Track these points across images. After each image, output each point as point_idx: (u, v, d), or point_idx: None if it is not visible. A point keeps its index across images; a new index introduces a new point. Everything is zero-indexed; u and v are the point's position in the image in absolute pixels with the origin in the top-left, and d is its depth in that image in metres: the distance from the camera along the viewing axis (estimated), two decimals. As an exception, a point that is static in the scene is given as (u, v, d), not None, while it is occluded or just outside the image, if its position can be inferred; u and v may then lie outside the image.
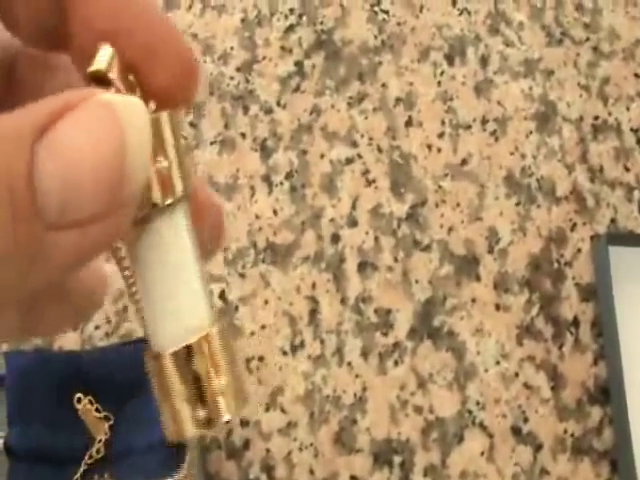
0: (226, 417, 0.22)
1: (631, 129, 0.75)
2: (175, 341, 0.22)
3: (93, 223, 0.19)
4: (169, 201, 0.21)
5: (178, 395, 0.22)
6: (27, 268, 0.19)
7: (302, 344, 0.68)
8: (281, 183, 0.72)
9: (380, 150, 0.73)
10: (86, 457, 0.62)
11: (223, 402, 0.22)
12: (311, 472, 0.65)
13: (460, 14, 0.79)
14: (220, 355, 0.22)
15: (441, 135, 0.74)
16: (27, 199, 0.18)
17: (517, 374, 0.68)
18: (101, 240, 0.20)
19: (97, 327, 0.69)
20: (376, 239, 0.71)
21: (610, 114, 0.75)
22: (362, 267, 0.70)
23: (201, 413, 0.22)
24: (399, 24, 0.78)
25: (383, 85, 0.76)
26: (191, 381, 0.22)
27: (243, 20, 0.78)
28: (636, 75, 0.77)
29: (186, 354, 0.22)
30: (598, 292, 0.70)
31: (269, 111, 0.75)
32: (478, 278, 0.70)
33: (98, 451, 0.62)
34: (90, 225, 0.19)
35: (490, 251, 0.71)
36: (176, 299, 0.22)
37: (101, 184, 0.19)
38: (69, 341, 0.69)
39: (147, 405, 0.63)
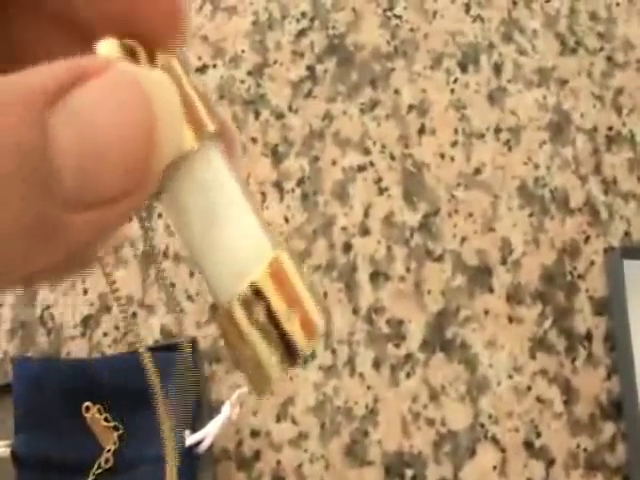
0: (310, 348, 0.20)
1: (645, 141, 0.75)
2: (237, 285, 0.20)
3: (115, 203, 0.17)
4: (203, 143, 0.20)
5: (256, 342, 0.20)
6: (40, 247, 0.16)
7: (313, 354, 0.67)
8: (292, 190, 0.72)
9: (393, 158, 0.73)
10: (94, 467, 0.61)
11: (304, 334, 0.20)
12: (322, 484, 0.64)
13: (474, 21, 0.78)
14: (292, 280, 0.20)
15: (454, 144, 0.73)
16: (41, 175, 0.15)
17: (530, 388, 0.67)
18: (122, 218, 0.18)
19: (105, 334, 0.68)
20: (388, 248, 0.70)
21: (624, 125, 0.75)
22: (374, 277, 0.69)
23: (282, 352, 0.20)
24: (412, 30, 0.77)
25: (396, 92, 0.75)
26: (267, 323, 0.20)
27: (254, 23, 0.77)
28: (650, 86, 0.77)
29: (253, 294, 0.20)
30: (611, 306, 0.69)
31: (280, 116, 0.74)
32: (491, 290, 0.69)
33: (107, 461, 0.62)
34: (112, 205, 0.17)
35: (503, 262, 0.70)
36: (230, 238, 0.20)
37: (127, 162, 0.17)
38: (77, 348, 0.68)
39: (157, 415, 0.63)
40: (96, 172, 0.16)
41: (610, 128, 0.75)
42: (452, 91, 0.75)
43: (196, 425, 0.62)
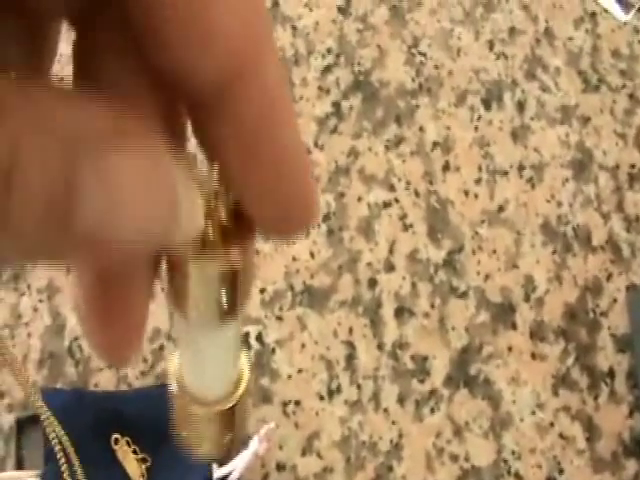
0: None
1: (667, 179, 0.75)
2: (207, 400, 0.25)
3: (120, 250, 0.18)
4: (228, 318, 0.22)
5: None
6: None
7: (339, 389, 0.68)
8: (318, 226, 0.73)
9: (417, 194, 0.74)
10: (123, 499, 0.62)
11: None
12: (347, 519, 0.65)
13: (497, 58, 0.79)
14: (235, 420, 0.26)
15: (478, 181, 0.74)
16: (60, 213, 0.16)
17: (552, 424, 0.68)
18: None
19: (132, 366, 0.69)
20: (413, 285, 0.71)
21: (646, 163, 0.76)
22: (399, 313, 0.70)
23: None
24: (436, 67, 0.78)
25: (420, 129, 0.76)
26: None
27: (280, 59, 0.79)
28: (672, 124, 0.77)
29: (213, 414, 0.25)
30: (634, 343, 0.70)
31: (307, 152, 0.75)
32: (514, 326, 0.70)
33: (135, 493, 0.62)
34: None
35: (526, 299, 0.71)
36: (214, 374, 0.25)
37: (143, 230, 0.17)
38: (105, 380, 0.68)
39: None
40: (112, 226, 0.17)
41: (632, 166, 0.76)
42: (476, 128, 0.76)
43: (223, 459, 0.63)
